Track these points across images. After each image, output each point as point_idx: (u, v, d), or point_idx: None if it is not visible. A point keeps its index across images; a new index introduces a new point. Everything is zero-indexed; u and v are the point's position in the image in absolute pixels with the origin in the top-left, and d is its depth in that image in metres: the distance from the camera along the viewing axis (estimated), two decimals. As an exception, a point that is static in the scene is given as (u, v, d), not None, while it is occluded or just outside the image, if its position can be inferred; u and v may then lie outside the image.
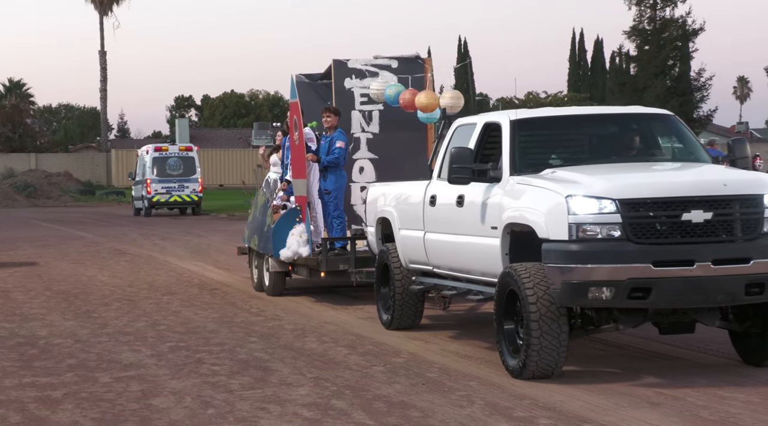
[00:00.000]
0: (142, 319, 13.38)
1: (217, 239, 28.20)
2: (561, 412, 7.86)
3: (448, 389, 8.76)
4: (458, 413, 7.91)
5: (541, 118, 10.33)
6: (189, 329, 12.42)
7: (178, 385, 9.18)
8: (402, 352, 10.60)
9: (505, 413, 7.87)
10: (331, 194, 14.47)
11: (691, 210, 8.55)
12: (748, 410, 7.85)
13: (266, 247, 15.19)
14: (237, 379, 9.38)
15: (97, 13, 78.21)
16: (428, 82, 14.92)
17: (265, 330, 12.27)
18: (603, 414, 7.79)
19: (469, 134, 10.53)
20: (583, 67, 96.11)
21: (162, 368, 9.99)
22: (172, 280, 17.95)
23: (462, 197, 10.19)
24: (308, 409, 8.12)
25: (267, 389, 8.90)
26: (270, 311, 13.88)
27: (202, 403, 8.45)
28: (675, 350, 10.41)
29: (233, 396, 8.67)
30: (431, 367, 9.74)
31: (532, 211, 8.97)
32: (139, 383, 9.29)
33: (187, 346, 11.18)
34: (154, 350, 11.01)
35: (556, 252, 8.63)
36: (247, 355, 10.60)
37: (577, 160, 9.87)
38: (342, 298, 15.06)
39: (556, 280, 8.63)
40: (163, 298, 15.49)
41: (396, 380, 9.18)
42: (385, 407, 8.14)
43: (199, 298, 15.48)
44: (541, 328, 8.73)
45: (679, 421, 7.57)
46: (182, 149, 44.22)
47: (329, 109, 14.56)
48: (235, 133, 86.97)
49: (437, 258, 10.96)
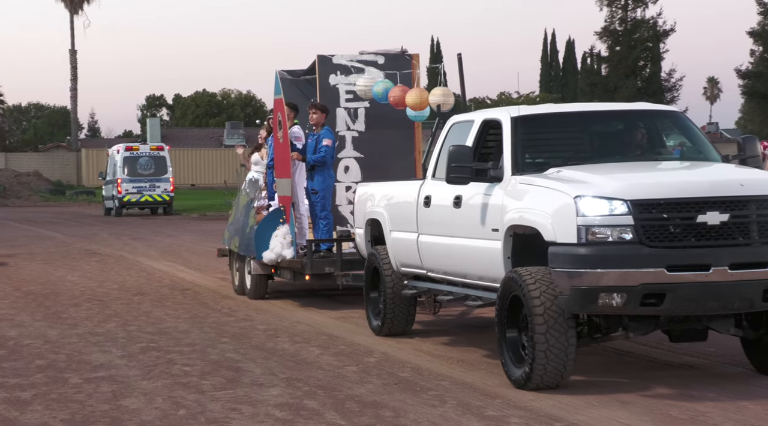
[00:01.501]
0: (112, 319, 13.31)
1: (188, 239, 28.15)
2: (532, 411, 7.88)
3: (421, 389, 8.76)
4: (430, 413, 7.91)
5: (543, 114, 9.86)
6: (160, 330, 12.36)
7: (149, 385, 9.13)
8: (374, 352, 10.59)
9: (477, 412, 7.88)
10: (319, 194, 13.98)
11: (707, 211, 8.09)
12: (717, 409, 7.89)
13: (248, 249, 14.79)
14: (208, 379, 9.34)
15: (68, 12, 77.86)
16: (416, 79, 14.52)
17: (236, 330, 12.23)
18: (574, 413, 7.81)
19: (465, 132, 10.06)
20: (555, 68, 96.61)
21: (133, 369, 9.93)
22: (143, 281, 17.88)
23: (459, 198, 9.72)
24: (280, 410, 8.10)
25: (239, 390, 8.87)
26: (242, 311, 13.83)
27: (173, 403, 8.41)
28: (643, 349, 10.44)
29: (204, 397, 8.63)
30: (404, 367, 9.74)
31: (537, 213, 8.50)
32: (109, 384, 9.23)
33: (158, 347, 11.12)
34: (125, 351, 10.94)
35: (564, 256, 8.16)
36: (218, 355, 10.56)
37: (581, 158, 9.40)
38: (326, 301, 14.78)
39: (563, 286, 8.16)
40: (134, 299, 15.40)
41: (368, 380, 9.16)
42: (358, 407, 8.13)
43: (170, 298, 15.41)
44: (548, 337, 8.26)
45: (649, 419, 7.60)
46: (153, 149, 44.06)
47: (315, 106, 14.06)
48: (207, 132, 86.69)
49: (432, 261, 10.48)
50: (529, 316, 8.36)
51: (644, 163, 9.32)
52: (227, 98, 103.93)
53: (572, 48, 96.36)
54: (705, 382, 8.80)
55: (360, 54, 14.96)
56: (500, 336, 8.84)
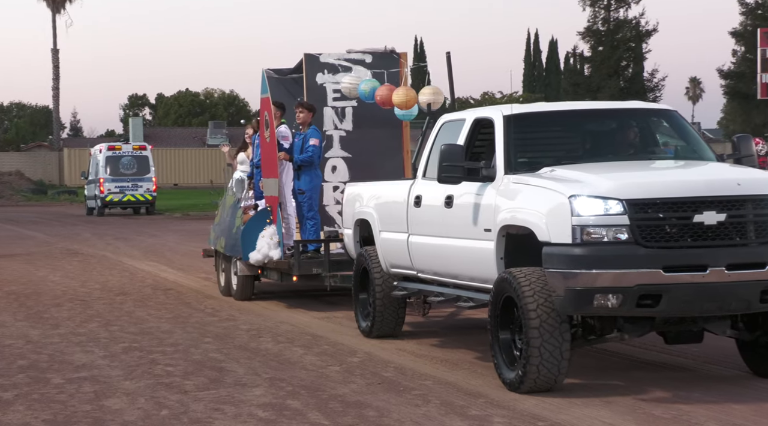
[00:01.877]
0: (94, 319, 13.26)
1: (171, 239, 28.10)
2: (515, 411, 7.89)
3: (404, 388, 8.75)
4: (414, 412, 7.91)
5: (536, 113, 9.68)
6: (142, 330, 12.32)
7: (132, 386, 9.10)
8: (358, 351, 10.59)
9: (460, 412, 7.88)
10: (306, 194, 13.72)
11: (704, 211, 7.96)
12: (701, 408, 7.91)
13: (234, 249, 14.62)
14: (191, 379, 9.32)
15: (50, 11, 77.59)
16: (404, 78, 14.27)
17: (219, 330, 12.20)
18: (556, 412, 7.82)
19: (456, 131, 9.89)
20: (538, 68, 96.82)
21: (115, 369, 9.89)
22: (125, 281, 17.83)
23: (451, 198, 9.54)
24: (263, 410, 8.08)
25: (222, 390, 8.85)
26: (225, 311, 13.80)
27: (155, 404, 8.38)
28: (628, 349, 10.46)
29: (187, 397, 8.61)
30: (387, 367, 9.73)
31: (531, 213, 8.35)
32: (91, 384, 9.19)
33: (141, 347, 11.09)
34: (107, 351, 10.90)
35: (559, 256, 8.02)
36: (201, 355, 10.53)
37: (574, 157, 9.28)
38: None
39: (558, 287, 8.02)
40: (116, 299, 15.36)
41: (352, 380, 9.16)
42: (341, 407, 8.12)
43: (153, 298, 15.38)
44: (542, 339, 8.11)
45: (632, 419, 7.61)
46: (136, 148, 43.98)
47: (302, 105, 13.85)
48: (190, 132, 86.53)
49: (422, 262, 10.31)
50: (522, 317, 8.23)
51: (639, 162, 9.22)
52: (210, 98, 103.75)
53: (555, 48, 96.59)
54: (691, 383, 8.77)
55: (347, 53, 14.78)
56: (493, 338, 8.70)
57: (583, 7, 69.04)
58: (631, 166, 9.02)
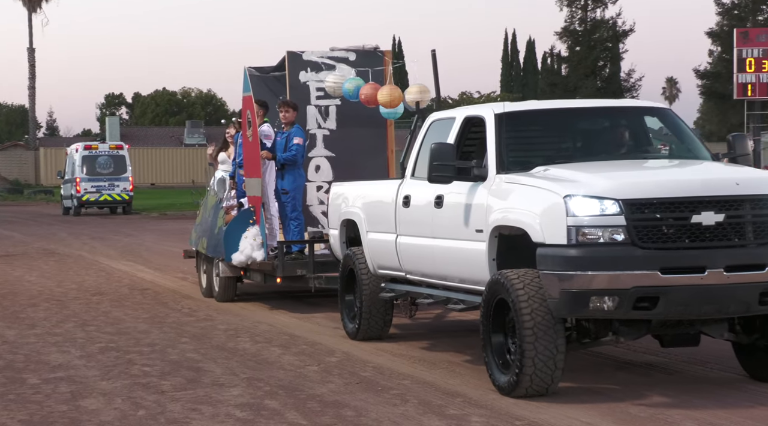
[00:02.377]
0: (71, 319, 13.20)
1: (148, 239, 28.03)
2: (493, 410, 7.90)
3: (382, 388, 8.76)
4: (392, 412, 7.91)
5: (528, 111, 9.47)
6: (119, 330, 12.27)
7: (108, 386, 9.06)
8: (336, 351, 10.58)
9: (438, 411, 7.88)
10: (289, 194, 13.56)
11: (702, 211, 7.77)
12: (679, 408, 7.93)
13: (217, 250, 14.35)
14: (168, 379, 9.29)
15: (26, 10, 77.23)
16: (389, 76, 13.97)
17: (197, 330, 12.17)
18: (535, 411, 7.83)
19: (446, 130, 9.69)
20: (516, 68, 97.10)
21: (91, 369, 9.85)
22: (101, 280, 17.77)
23: (441, 198, 9.33)
24: (241, 410, 8.06)
25: (199, 390, 8.82)
26: (202, 311, 13.77)
27: (132, 404, 8.35)
28: (607, 349, 10.46)
29: (164, 397, 8.58)
30: (365, 367, 9.73)
31: (524, 213, 8.15)
32: (68, 384, 9.15)
33: (117, 347, 11.04)
34: (84, 351, 10.86)
35: (554, 258, 7.83)
36: (178, 355, 10.50)
37: (568, 156, 9.12)
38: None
39: (553, 289, 7.83)
40: (93, 299, 15.29)
41: (330, 380, 9.15)
42: (319, 407, 8.11)
43: (130, 298, 15.32)
44: (536, 342, 7.91)
45: (611, 419, 7.63)
46: (112, 147, 43.82)
47: (287, 104, 13.68)
48: (167, 131, 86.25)
49: (411, 263, 10.10)
50: (516, 320, 8.03)
51: (634, 162, 9.04)
52: (187, 97, 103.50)
53: (533, 48, 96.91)
54: (670, 384, 8.74)
55: (331, 50, 14.63)
56: (485, 341, 8.51)
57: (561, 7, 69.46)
58: (626, 165, 8.88)
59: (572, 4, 69.10)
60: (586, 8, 69.35)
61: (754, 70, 55.75)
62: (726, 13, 67.22)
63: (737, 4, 67.23)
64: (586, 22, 69.48)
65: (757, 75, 56.40)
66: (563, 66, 72.54)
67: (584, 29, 69.25)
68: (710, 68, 67.94)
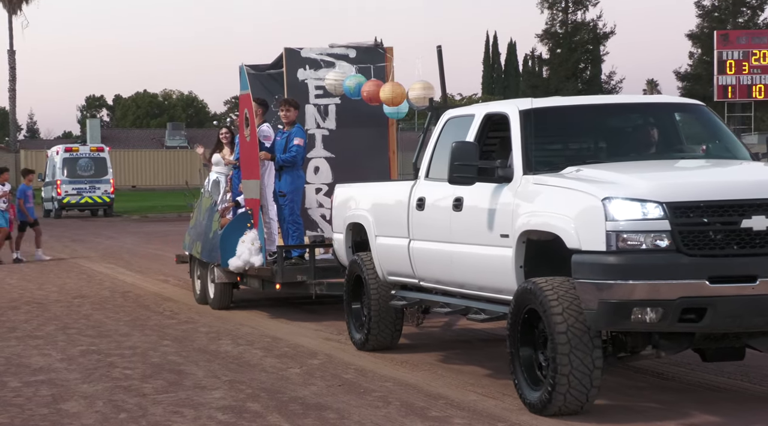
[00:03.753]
0: (52, 322, 13.14)
1: (129, 241, 27.93)
2: (475, 412, 7.90)
3: (364, 390, 8.74)
4: (374, 414, 7.91)
5: (556, 107, 8.84)
6: (100, 333, 12.22)
7: (90, 389, 9.02)
8: (318, 353, 10.56)
9: (420, 413, 7.88)
10: (287, 197, 12.89)
11: (752, 216, 7.17)
12: (660, 409, 7.94)
13: (212, 255, 13.71)
14: (150, 382, 9.25)
15: (6, 12, 76.81)
16: (390, 73, 13.59)
17: (178, 333, 12.13)
18: (516, 413, 7.82)
19: (464, 128, 9.07)
20: (497, 70, 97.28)
21: (73, 372, 9.81)
22: (83, 283, 17.70)
23: (460, 200, 8.73)
24: (223, 413, 8.04)
25: (181, 393, 8.79)
26: (184, 314, 13.73)
27: (114, 407, 8.31)
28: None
29: (146, 400, 8.55)
30: (347, 369, 9.72)
31: (557, 217, 7.53)
32: (49, 388, 9.11)
33: (99, 350, 11.00)
34: (65, 354, 10.81)
35: (591, 265, 7.21)
36: (160, 358, 10.46)
37: (597, 156, 8.53)
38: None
39: (590, 299, 7.21)
40: (74, 301, 15.23)
41: (312, 382, 9.13)
42: (301, 409, 8.10)
43: (111, 301, 15.27)
44: (571, 356, 7.31)
45: (593, 419, 7.64)
46: (93, 150, 43.68)
47: (288, 102, 12.99)
48: (148, 133, 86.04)
49: (426, 270, 9.49)
50: (549, 333, 7.43)
51: (670, 162, 8.46)
52: (168, 99, 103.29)
53: (514, 50, 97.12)
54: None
55: (330, 47, 14.16)
56: (512, 355, 7.92)
57: (542, 10, 69.62)
58: (664, 165, 8.31)
59: (553, 7, 69.33)
60: (567, 10, 69.60)
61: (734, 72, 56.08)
62: (706, 16, 67.56)
63: (717, 7, 67.59)
64: (567, 25, 69.71)
65: (737, 77, 56.65)
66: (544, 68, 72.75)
67: (565, 31, 69.48)
68: (690, 70, 68.29)
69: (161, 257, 22.53)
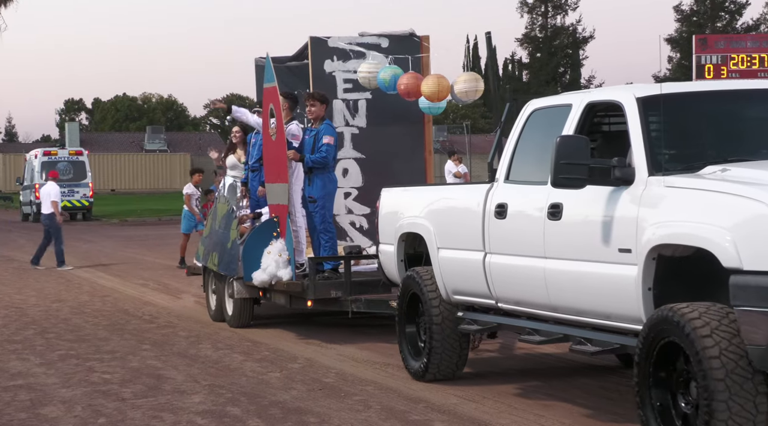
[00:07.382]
0: (30, 327, 13.09)
1: (108, 245, 27.87)
2: (455, 415, 7.90)
3: (345, 394, 8.74)
4: (355, 418, 7.90)
5: (684, 94, 7.31)
6: (79, 337, 12.18)
7: (68, 393, 8.99)
8: (299, 357, 10.55)
9: (401, 417, 7.88)
10: (318, 203, 11.48)
11: None
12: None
13: (230, 267, 12.32)
14: (129, 387, 9.22)
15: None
16: (428, 64, 12.43)
17: (158, 337, 12.10)
18: (496, 416, 7.84)
19: (557, 121, 7.63)
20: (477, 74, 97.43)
21: (51, 377, 9.77)
22: (61, 287, 17.64)
23: (559, 207, 7.31)
24: (202, 417, 8.02)
25: (160, 397, 8.77)
26: (163, 318, 13.69)
27: (93, 412, 8.28)
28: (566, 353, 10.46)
29: (125, 404, 8.52)
30: (328, 373, 9.71)
31: (704, 227, 6.08)
32: (27, 392, 9.06)
33: (78, 354, 10.96)
34: (43, 359, 10.76)
35: (758, 290, 5.75)
36: (139, 362, 10.43)
37: (740, 152, 6.95)
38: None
39: (757, 332, 5.77)
40: (53, 306, 15.17)
41: (292, 386, 9.12)
42: (281, 413, 8.08)
43: (90, 305, 15.22)
44: (730, 402, 5.85)
45: (570, 421, 7.67)
46: (72, 153, 43.59)
47: (313, 96, 11.63)
48: (128, 137, 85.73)
49: (508, 289, 8.07)
50: (700, 376, 5.98)
51: None
52: (148, 102, 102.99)
53: (494, 54, 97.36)
54: (619, 383, 8.68)
55: (360, 36, 12.97)
56: (641, 396, 6.45)
57: (521, 14, 69.92)
58: None
59: (533, 11, 69.63)
60: (547, 15, 69.88)
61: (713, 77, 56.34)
62: (685, 20, 67.97)
63: (696, 11, 68.00)
64: (547, 29, 70.00)
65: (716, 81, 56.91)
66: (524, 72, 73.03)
67: (545, 36, 69.77)
68: (669, 74, 68.66)
69: (141, 261, 22.49)
